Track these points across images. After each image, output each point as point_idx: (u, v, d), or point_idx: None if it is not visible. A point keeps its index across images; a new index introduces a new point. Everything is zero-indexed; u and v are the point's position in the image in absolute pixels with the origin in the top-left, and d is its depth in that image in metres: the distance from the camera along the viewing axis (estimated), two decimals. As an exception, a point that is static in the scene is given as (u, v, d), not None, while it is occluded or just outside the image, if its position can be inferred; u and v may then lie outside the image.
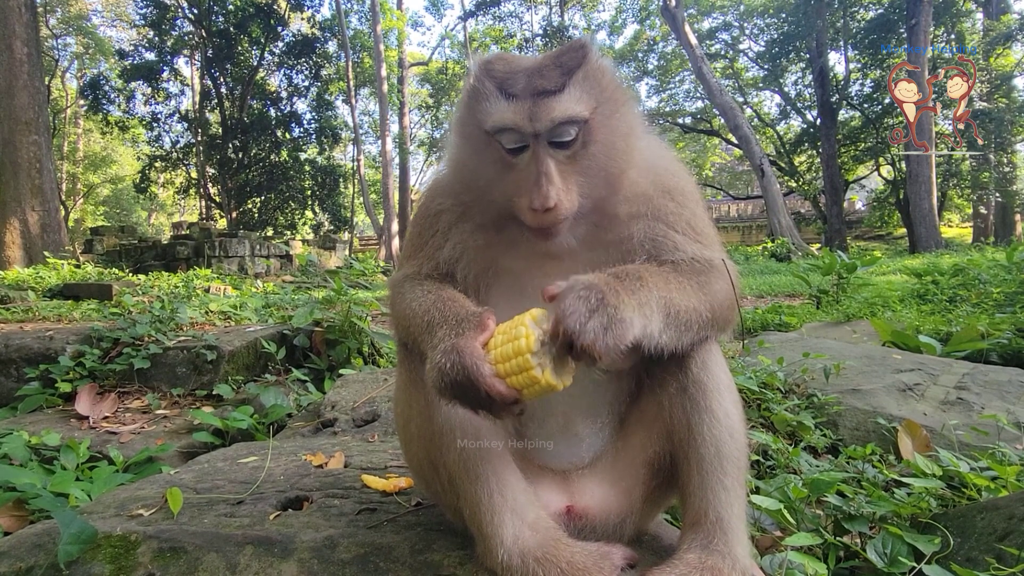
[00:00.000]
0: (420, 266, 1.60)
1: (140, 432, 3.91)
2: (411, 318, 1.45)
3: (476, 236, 1.56)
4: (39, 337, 4.90)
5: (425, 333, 1.37)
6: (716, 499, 1.42)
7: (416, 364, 1.47)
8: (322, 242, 27.95)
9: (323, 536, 1.63)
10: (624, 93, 1.49)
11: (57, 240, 17.05)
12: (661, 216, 1.51)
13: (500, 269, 1.57)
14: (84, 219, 43.67)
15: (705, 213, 1.60)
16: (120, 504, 2.01)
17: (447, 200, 1.60)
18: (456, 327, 1.30)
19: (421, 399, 1.46)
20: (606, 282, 1.25)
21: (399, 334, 1.57)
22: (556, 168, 1.36)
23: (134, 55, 31.26)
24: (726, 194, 44.19)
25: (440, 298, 1.42)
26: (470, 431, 1.38)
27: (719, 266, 1.50)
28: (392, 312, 1.60)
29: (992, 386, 3.77)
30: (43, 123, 17.25)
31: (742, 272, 8.77)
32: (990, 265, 10.42)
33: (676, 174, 1.59)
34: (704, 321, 1.40)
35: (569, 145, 1.38)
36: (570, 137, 1.37)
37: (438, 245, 1.59)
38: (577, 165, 1.39)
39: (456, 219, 1.58)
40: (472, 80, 1.46)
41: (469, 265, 1.57)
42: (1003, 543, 1.79)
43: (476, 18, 39.74)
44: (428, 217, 1.63)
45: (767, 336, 5.60)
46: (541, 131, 1.35)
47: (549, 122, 1.34)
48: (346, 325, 5.32)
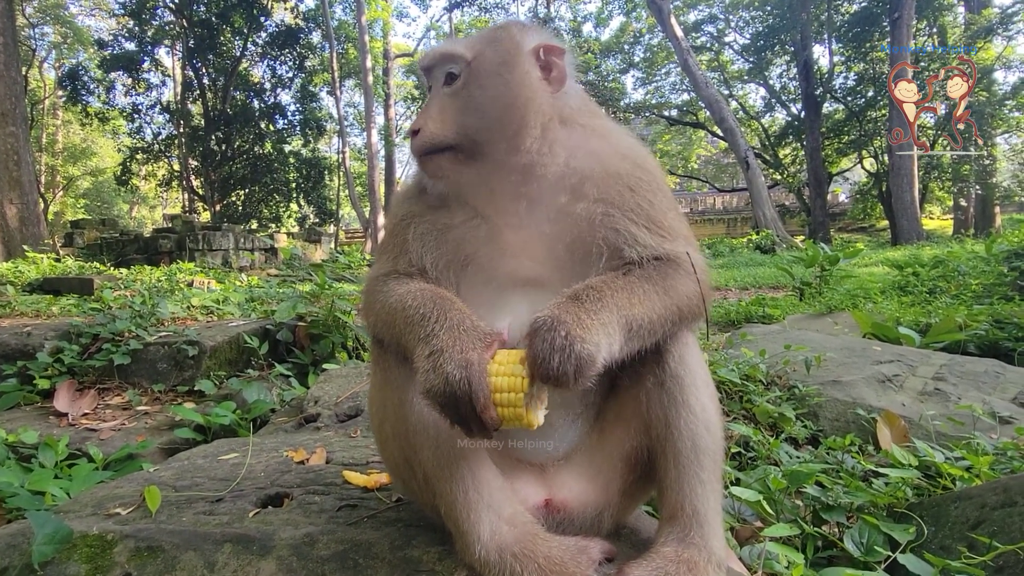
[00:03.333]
0: (395, 263, 1.59)
1: (120, 429, 3.87)
2: (397, 311, 1.42)
3: (435, 219, 1.59)
4: (16, 333, 4.83)
5: (416, 326, 1.35)
6: (693, 493, 1.44)
7: (391, 363, 1.47)
8: (307, 235, 27.74)
9: (302, 533, 1.62)
10: (519, 53, 1.54)
11: (36, 233, 16.81)
12: (616, 204, 1.50)
13: (465, 253, 1.57)
14: (64, 212, 42.94)
15: (669, 202, 1.58)
16: (98, 503, 1.99)
17: (411, 189, 1.68)
18: (462, 335, 1.29)
19: (395, 399, 1.46)
20: (568, 311, 1.27)
21: (376, 330, 1.55)
22: (437, 102, 1.54)
23: (114, 45, 30.80)
24: (711, 186, 44.37)
25: (438, 296, 1.40)
26: (444, 430, 1.37)
27: (684, 263, 1.50)
28: (369, 309, 1.57)
29: (969, 377, 3.84)
30: (20, 114, 16.97)
31: (727, 264, 8.85)
32: (969, 257, 10.59)
33: (634, 160, 1.58)
34: (671, 324, 1.44)
35: (451, 82, 1.54)
36: (451, 70, 1.54)
37: (406, 239, 1.60)
38: (458, 102, 1.52)
39: (416, 207, 1.63)
40: None
41: (435, 253, 1.57)
42: (975, 532, 1.83)
43: (462, 9, 39.46)
44: (396, 209, 1.71)
45: (750, 328, 5.65)
46: (425, 65, 1.60)
47: (432, 58, 1.59)
48: (330, 319, 5.29)
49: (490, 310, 1.50)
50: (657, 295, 1.40)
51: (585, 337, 1.24)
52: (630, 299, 1.36)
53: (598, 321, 1.28)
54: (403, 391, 1.43)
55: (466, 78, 1.52)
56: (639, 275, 1.43)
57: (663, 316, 1.40)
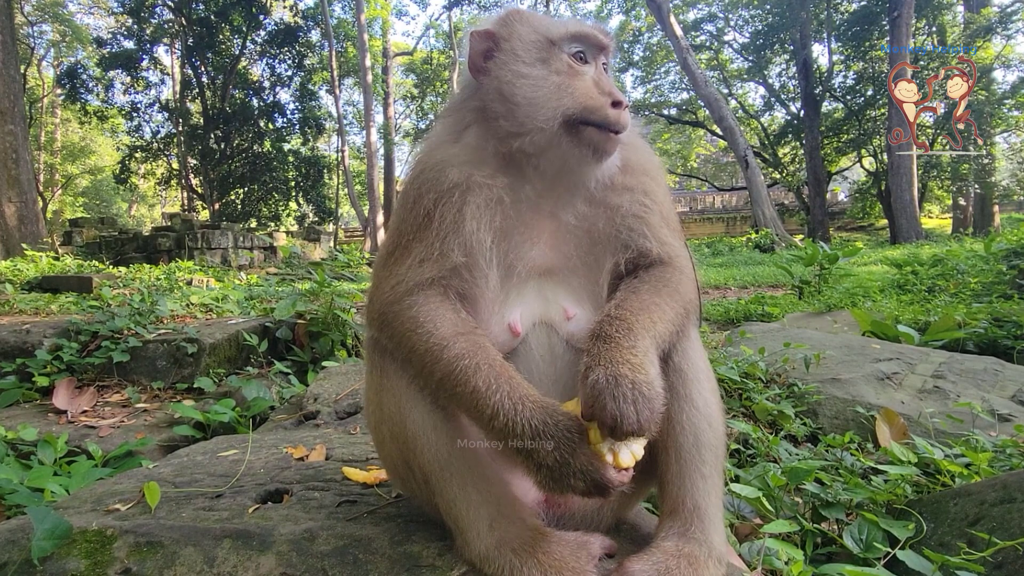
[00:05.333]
0: (435, 259, 1.44)
1: (119, 426, 3.87)
2: (448, 373, 1.33)
3: (495, 198, 1.47)
4: (16, 331, 4.82)
5: (503, 426, 1.27)
6: (694, 487, 1.44)
7: (390, 369, 1.46)
8: (306, 233, 27.74)
9: (302, 529, 1.62)
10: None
11: (35, 232, 16.79)
12: (649, 191, 1.55)
13: (507, 236, 1.49)
14: (63, 210, 42.86)
15: (671, 200, 1.68)
16: (97, 499, 1.98)
17: (454, 165, 1.49)
18: (564, 440, 1.24)
19: (394, 403, 1.45)
20: (612, 357, 1.25)
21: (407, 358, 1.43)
22: (612, 81, 1.54)
23: (112, 43, 30.71)
24: (711, 185, 44.39)
25: (513, 383, 1.31)
26: (444, 433, 1.38)
27: (685, 265, 1.55)
28: (402, 340, 1.42)
29: (968, 375, 3.84)
30: (19, 112, 16.95)
31: (727, 263, 8.88)
32: (968, 256, 10.59)
33: (655, 158, 1.68)
34: (681, 326, 1.46)
35: (604, 68, 1.57)
36: (607, 66, 1.58)
37: (456, 220, 1.44)
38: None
39: (468, 183, 1.47)
40: (521, 9, 1.63)
41: (492, 232, 1.46)
42: (974, 528, 1.83)
43: (461, 7, 39.43)
44: (436, 188, 1.47)
45: (750, 327, 5.65)
46: (609, 46, 1.57)
47: (611, 40, 1.57)
48: (329, 317, 5.29)
49: (505, 299, 1.49)
50: (669, 305, 1.42)
51: (644, 380, 1.23)
52: (651, 318, 1.37)
53: (640, 353, 1.27)
54: (401, 396, 1.43)
55: (609, 71, 1.60)
56: (650, 287, 1.45)
57: (675, 321, 1.43)
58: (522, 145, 1.47)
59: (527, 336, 1.49)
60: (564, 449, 1.23)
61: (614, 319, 1.33)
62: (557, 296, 1.52)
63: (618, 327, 1.32)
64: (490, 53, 1.54)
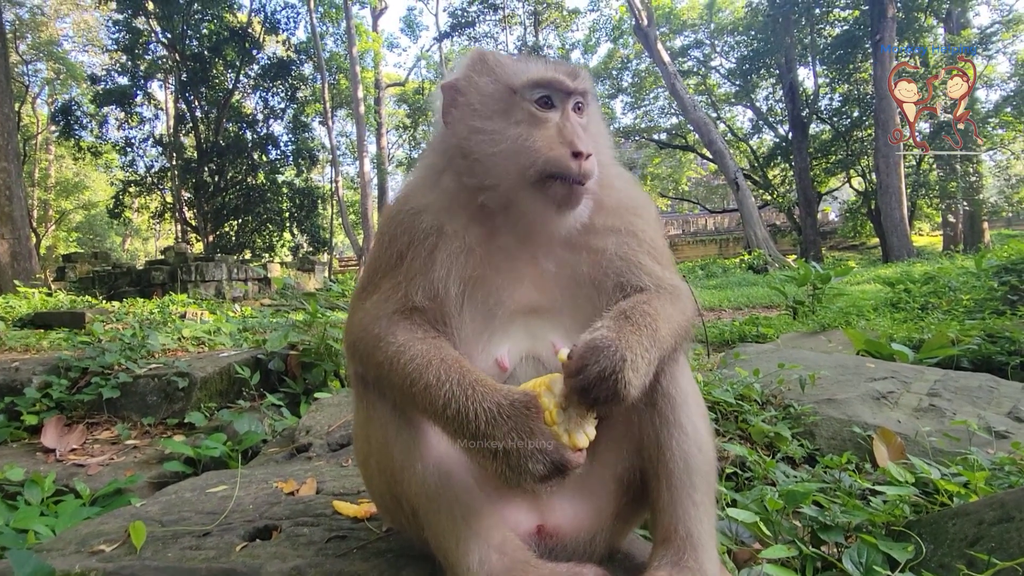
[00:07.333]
0: (400, 297, 1.47)
1: (109, 464, 3.81)
2: (420, 386, 1.32)
3: (465, 249, 1.49)
4: (4, 368, 4.76)
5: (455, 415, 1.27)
6: (686, 514, 1.42)
7: (375, 400, 1.45)
8: (301, 264, 27.69)
9: (290, 566, 1.59)
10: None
11: (28, 268, 16.73)
12: (635, 231, 1.55)
13: (482, 283, 1.51)
14: (56, 246, 42.85)
15: (663, 232, 1.67)
16: (82, 540, 1.94)
17: (429, 212, 1.52)
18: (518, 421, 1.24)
19: (380, 436, 1.44)
20: (634, 346, 1.28)
21: (380, 384, 1.45)
22: (579, 128, 1.46)
23: (106, 80, 30.94)
24: (702, 208, 44.75)
25: (464, 371, 1.32)
26: (431, 463, 1.37)
27: (684, 290, 1.56)
28: (366, 357, 1.46)
29: (963, 392, 3.83)
30: (12, 150, 17.01)
31: (720, 285, 8.94)
32: (960, 273, 10.67)
33: (641, 194, 1.68)
34: (681, 340, 1.47)
35: (582, 113, 1.52)
36: (579, 102, 1.51)
37: (425, 265, 1.47)
38: (588, 135, 1.48)
39: (440, 232, 1.50)
40: (486, 54, 1.57)
41: (461, 277, 1.49)
42: (973, 548, 1.80)
43: (451, 39, 40.11)
44: (410, 232, 1.51)
45: (744, 348, 5.64)
46: (578, 89, 1.48)
47: (581, 83, 1.49)
48: (322, 348, 5.26)
49: (490, 337, 1.50)
50: (677, 320, 1.44)
51: (634, 376, 1.26)
52: (658, 323, 1.38)
53: (648, 361, 1.30)
54: (387, 428, 1.42)
55: (585, 111, 1.54)
56: (661, 301, 1.45)
57: (677, 336, 1.43)
58: (486, 200, 1.49)
59: (515, 371, 1.49)
60: (520, 429, 1.23)
61: (645, 314, 1.35)
62: (545, 332, 1.53)
63: (647, 321, 1.34)
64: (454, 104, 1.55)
